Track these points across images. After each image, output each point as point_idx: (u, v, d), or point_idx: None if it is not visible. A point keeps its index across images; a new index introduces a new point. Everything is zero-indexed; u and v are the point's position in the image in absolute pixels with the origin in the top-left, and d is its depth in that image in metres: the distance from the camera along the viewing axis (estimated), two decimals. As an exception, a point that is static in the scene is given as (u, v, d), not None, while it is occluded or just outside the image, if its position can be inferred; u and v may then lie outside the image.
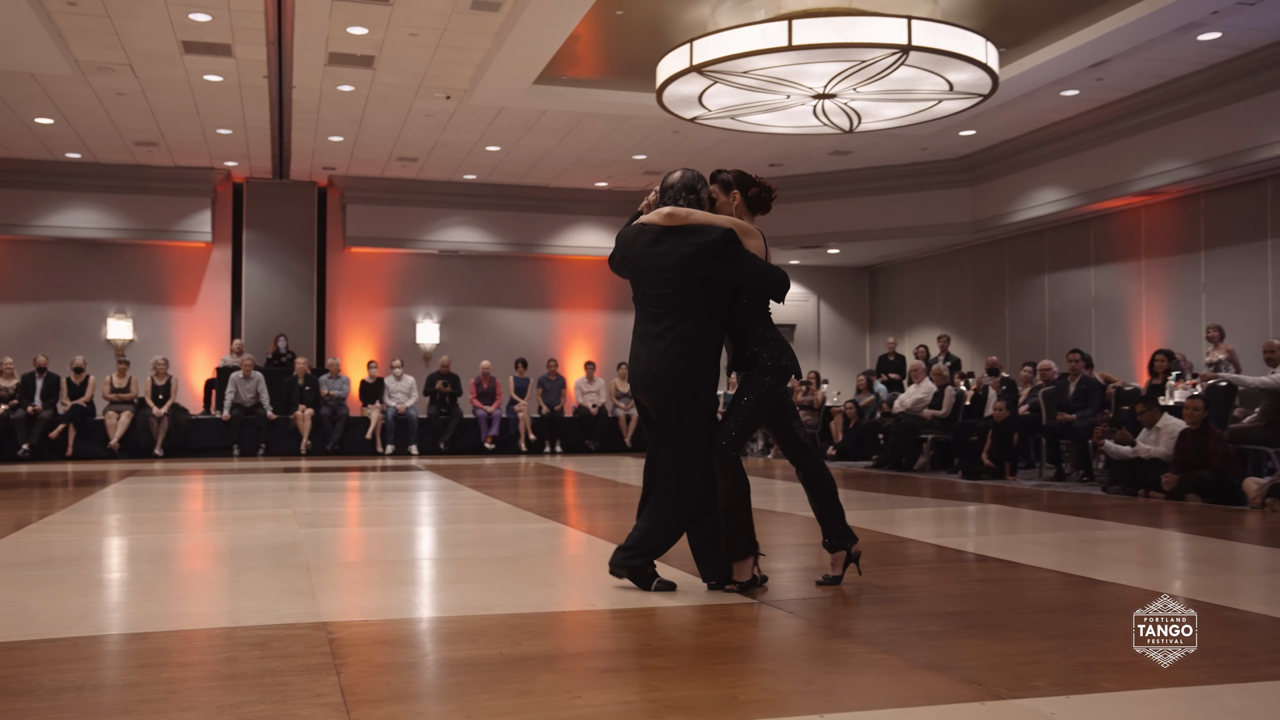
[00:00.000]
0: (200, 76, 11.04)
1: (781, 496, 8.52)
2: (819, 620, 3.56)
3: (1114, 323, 13.22)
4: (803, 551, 5.40)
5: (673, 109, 10.81)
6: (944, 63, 9.23)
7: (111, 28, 9.73)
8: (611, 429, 15.09)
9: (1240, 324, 11.24)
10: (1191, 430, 8.06)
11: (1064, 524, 6.52)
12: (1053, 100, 11.89)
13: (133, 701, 2.58)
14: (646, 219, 4.03)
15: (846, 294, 18.42)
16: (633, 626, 3.47)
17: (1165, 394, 9.50)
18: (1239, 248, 11.61)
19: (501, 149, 14.03)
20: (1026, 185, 13.78)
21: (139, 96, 11.70)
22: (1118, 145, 12.27)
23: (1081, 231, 13.77)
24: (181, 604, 3.94)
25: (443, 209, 16.15)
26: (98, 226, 15.01)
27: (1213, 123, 11.06)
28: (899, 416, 11.79)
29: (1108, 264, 13.38)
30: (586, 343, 17.02)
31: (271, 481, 9.69)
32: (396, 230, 15.99)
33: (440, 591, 4.19)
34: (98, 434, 13.30)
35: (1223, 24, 9.57)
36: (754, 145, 13.63)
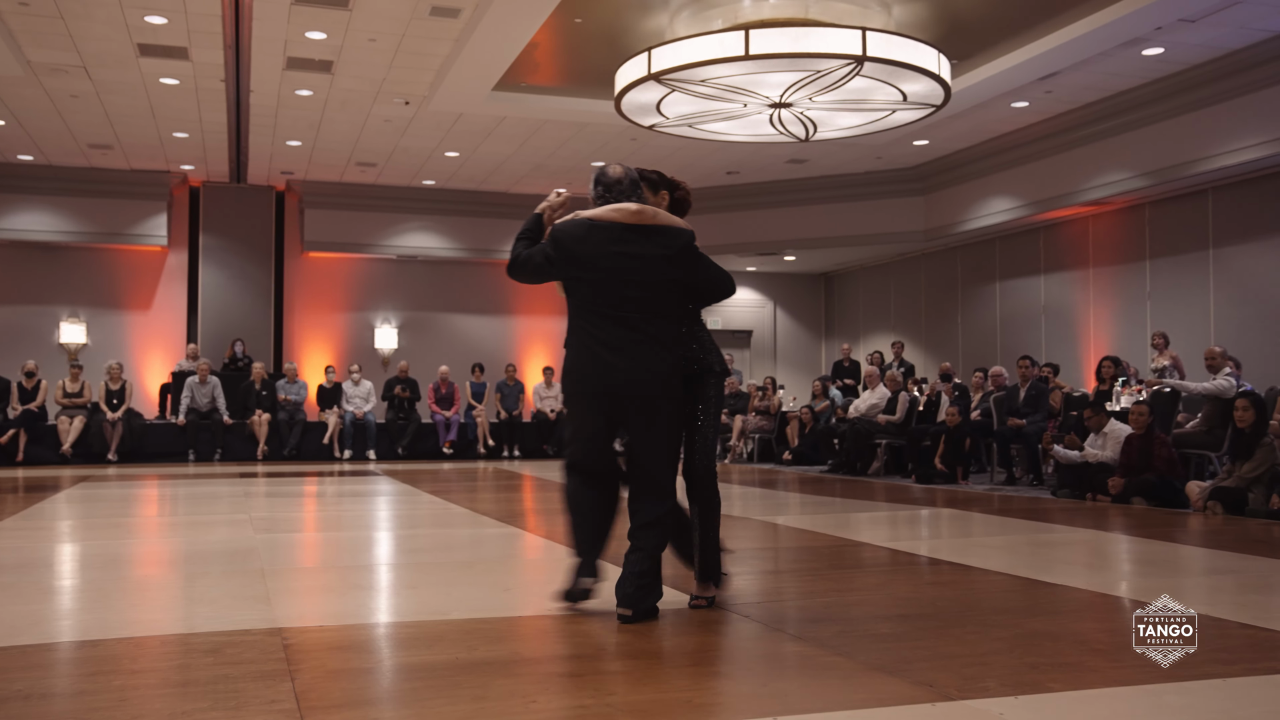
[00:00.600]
0: (156, 79, 10.90)
1: (738, 501, 8.53)
2: (773, 624, 3.56)
3: (1063, 330, 13.40)
4: (759, 555, 5.41)
5: (631, 116, 10.82)
6: (898, 73, 9.32)
7: (65, 29, 9.57)
8: (570, 434, 15.02)
9: (1183, 331, 11.45)
10: (1137, 435, 8.19)
11: (1014, 527, 6.58)
12: (1003, 111, 12.05)
13: (82, 710, 2.53)
14: (600, 214, 3.68)
15: (802, 300, 18.50)
16: (588, 631, 3.45)
17: (1112, 400, 9.64)
18: (1182, 257, 11.83)
19: (460, 155, 13.97)
20: (978, 195, 13.93)
21: (93, 99, 11.53)
22: (1066, 156, 12.44)
23: (1031, 240, 13.94)
24: (134, 610, 3.88)
25: (401, 214, 16.05)
26: (51, 230, 14.76)
27: (1157, 135, 11.27)
28: (854, 422, 11.86)
29: (1057, 272, 13.56)
30: (545, 348, 16.96)
31: (227, 487, 9.56)
32: (355, 235, 15.87)
33: (396, 597, 4.15)
34: (49, 439, 13.05)
35: (1165, 40, 9.76)
36: (711, 153, 13.68)
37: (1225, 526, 6.62)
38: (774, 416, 14.01)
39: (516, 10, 8.96)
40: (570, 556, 3.73)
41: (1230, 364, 8.81)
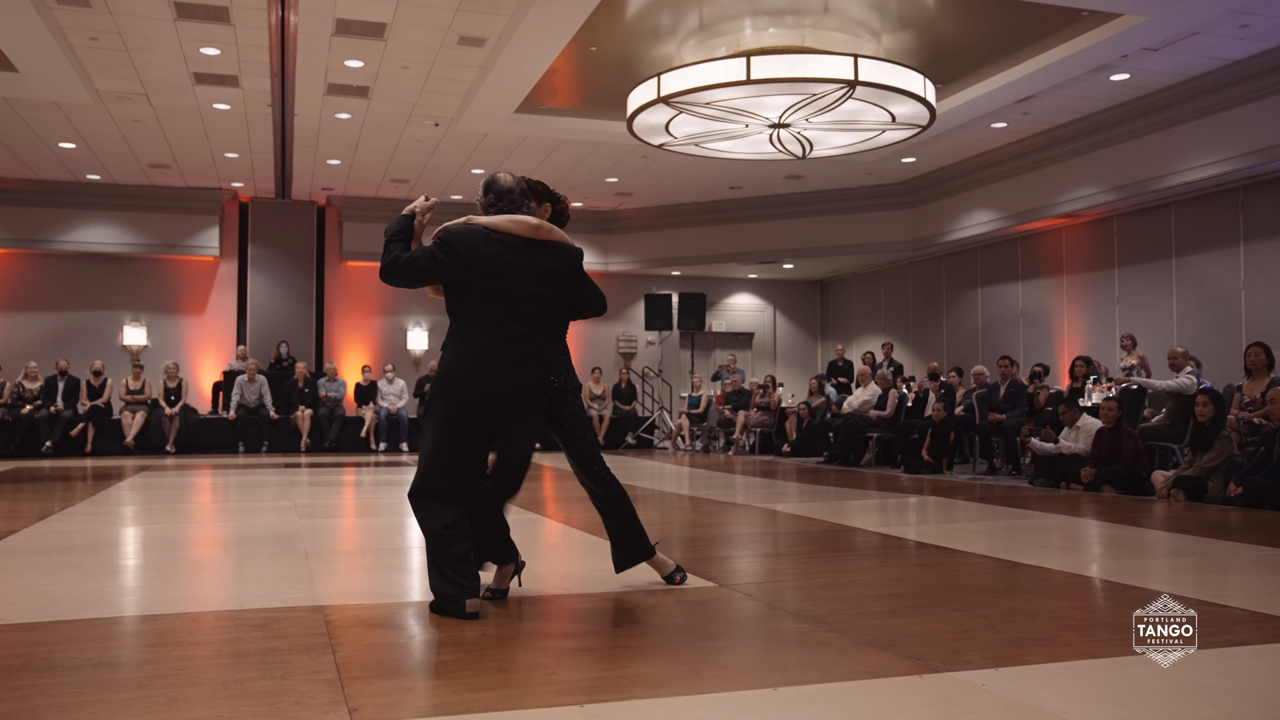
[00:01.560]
0: (210, 105, 10.94)
1: (740, 490, 8.54)
2: (774, 603, 3.57)
3: (1039, 332, 13.36)
4: (760, 540, 5.42)
5: (642, 136, 10.82)
6: (887, 96, 9.30)
7: (129, 60, 9.62)
8: (586, 427, 15.02)
9: (1149, 333, 11.39)
10: (1107, 429, 8.15)
11: (994, 513, 6.57)
12: (984, 131, 12.01)
13: (145, 678, 2.55)
14: (495, 223, 3.37)
15: (800, 305, 18.48)
16: (604, 609, 3.46)
17: (1084, 396, 9.61)
18: (1148, 265, 11.77)
19: (485, 172, 13.98)
20: (961, 207, 13.89)
21: (153, 123, 11.58)
22: (1042, 172, 12.40)
23: (1010, 250, 13.89)
24: (190, 588, 3.90)
25: (432, 226, 16.03)
26: (115, 242, 14.83)
27: (1124, 154, 11.21)
28: (847, 417, 11.84)
29: (1034, 279, 13.51)
30: (564, 349, 16.94)
31: (273, 476, 9.60)
32: (390, 246, 15.88)
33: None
34: (114, 432, 13.14)
35: (1131, 67, 9.71)
36: (716, 169, 13.67)
37: (1187, 512, 6.59)
38: (774, 412, 14.00)
39: (537, 39, 8.97)
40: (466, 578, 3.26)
41: (1191, 363, 8.76)
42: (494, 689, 2.45)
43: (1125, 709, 2.32)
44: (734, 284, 18.10)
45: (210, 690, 2.44)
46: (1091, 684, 2.53)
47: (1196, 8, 8.23)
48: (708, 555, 4.75)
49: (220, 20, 8.75)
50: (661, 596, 3.68)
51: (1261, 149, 9.72)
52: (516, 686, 2.48)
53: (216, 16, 8.67)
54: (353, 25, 8.84)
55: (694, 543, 5.17)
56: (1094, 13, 8.55)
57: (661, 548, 4.87)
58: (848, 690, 2.45)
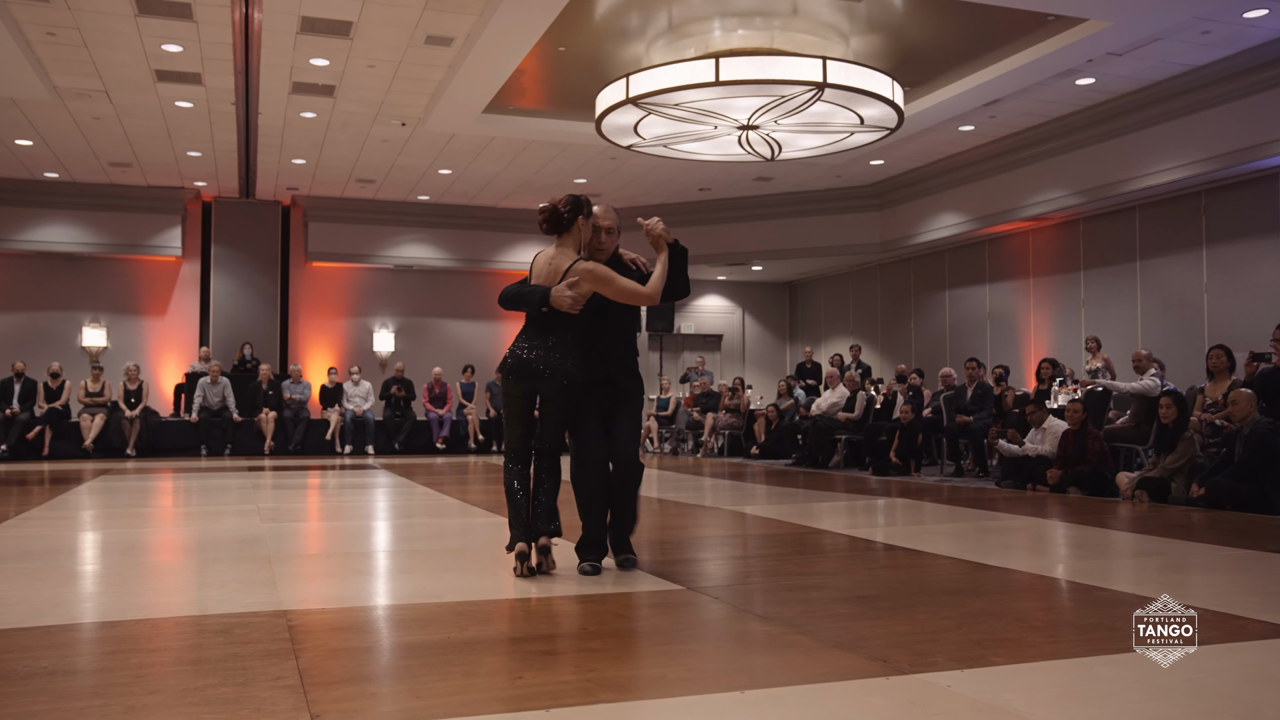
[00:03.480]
0: (172, 103, 10.82)
1: (709, 492, 8.54)
2: (741, 605, 3.57)
3: (1006, 334, 13.49)
4: (728, 542, 5.42)
5: (610, 137, 10.82)
6: (855, 99, 9.36)
7: (89, 56, 9.48)
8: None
9: (1114, 335, 11.54)
10: (1072, 430, 8.25)
11: (961, 515, 6.61)
12: (952, 134, 12.12)
13: (102, 685, 2.51)
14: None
15: (768, 307, 18.55)
16: (570, 612, 3.45)
17: (1050, 398, 9.71)
18: (1112, 268, 11.93)
19: (453, 172, 13.93)
20: (929, 210, 14.00)
21: (114, 121, 11.43)
22: (1009, 176, 12.52)
23: (978, 252, 14.02)
24: (150, 594, 3.85)
25: (398, 227, 15.97)
26: (74, 241, 14.62)
27: (1089, 157, 11.36)
28: (815, 419, 11.89)
29: (1001, 281, 13.65)
30: (532, 351, 16.90)
31: (236, 479, 9.49)
32: (355, 246, 15.79)
33: (393, 581, 4.14)
34: (73, 435, 12.94)
35: (1096, 71, 9.85)
36: (684, 171, 13.70)
37: (1151, 513, 6.68)
38: (743, 414, 14.03)
39: (505, 39, 8.94)
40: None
41: (1155, 365, 8.89)
42: (459, 694, 2.44)
43: (1090, 709, 2.35)
44: (703, 286, 18.13)
45: (169, 698, 2.41)
46: (1056, 684, 2.56)
47: (1160, 14, 8.35)
48: (676, 558, 4.75)
49: (183, 17, 8.65)
50: (628, 600, 3.68)
51: (1223, 154, 9.88)
52: (482, 691, 2.46)
53: (179, 13, 8.57)
54: (318, 23, 8.77)
55: (662, 545, 5.17)
56: (1060, 18, 8.66)
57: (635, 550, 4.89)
58: (815, 692, 2.46)
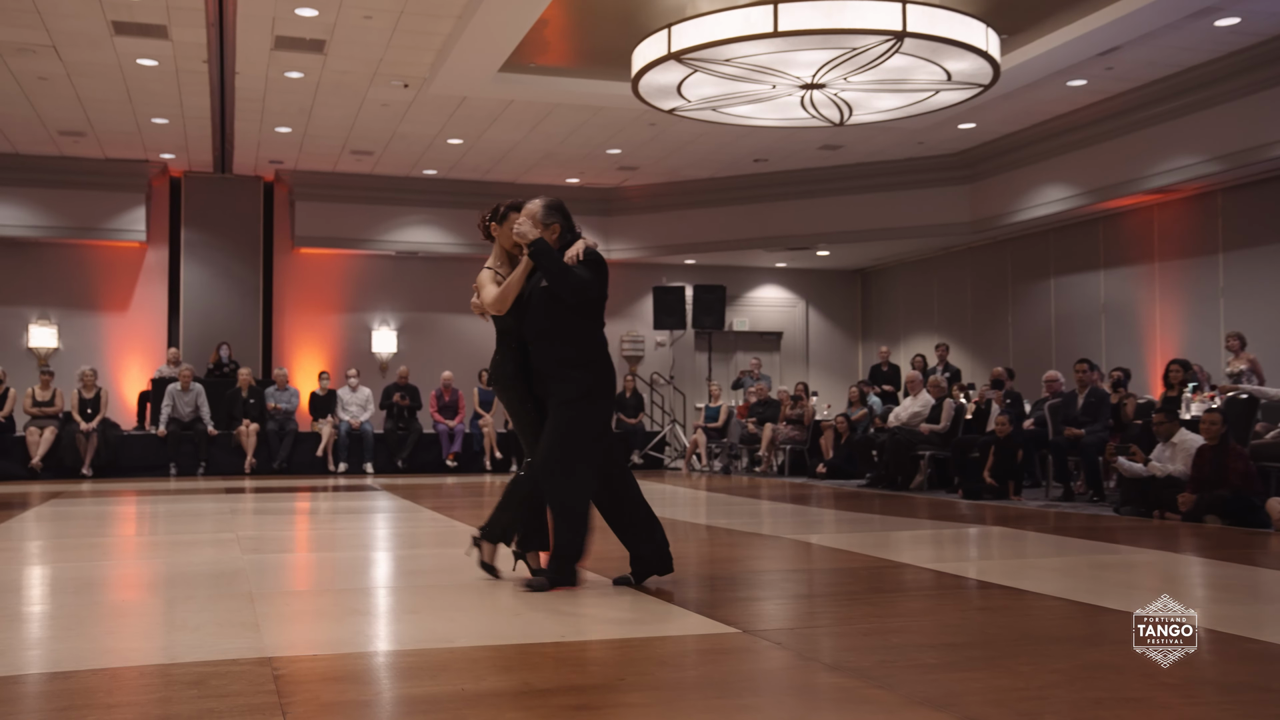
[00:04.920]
0: (133, 60, 10.97)
1: (767, 518, 8.52)
2: (807, 651, 3.55)
3: (1125, 330, 13.33)
4: (790, 577, 5.40)
5: (649, 100, 10.82)
6: (941, 50, 9.29)
7: (32, 5, 9.63)
8: (583, 446, 15.03)
9: (1262, 331, 11.34)
10: (1209, 446, 8.12)
11: (1072, 547, 6.54)
12: (1059, 91, 12.00)
13: (56, 746, 2.54)
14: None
15: (836, 299, 18.47)
16: (606, 660, 3.46)
17: (1181, 407, 9.57)
18: (1260, 249, 11.74)
19: (464, 142, 14.01)
20: (1030, 182, 13.88)
21: (64, 81, 11.61)
22: (1129, 139, 12.38)
23: (1089, 232, 13.87)
24: (110, 639, 3.89)
25: (400, 207, 16.10)
26: (19, 224, 14.86)
27: (1231, 115, 11.18)
28: (894, 431, 11.82)
29: (1118, 267, 13.49)
30: (556, 352, 16.96)
31: (212, 503, 9.60)
32: (350, 230, 15.93)
33: (397, 623, 4.16)
34: (18, 452, 13.12)
35: (1241, 9, 9.68)
36: (737, 139, 13.68)
37: (1307, 547, 6.57)
38: (806, 426, 13.98)
39: (524, -17, 8.99)
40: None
41: (1312, 367, 8.72)
42: (474, 757, 2.44)
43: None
44: (759, 274, 18.09)
45: (134, 758, 2.43)
46: (1193, 751, 2.51)
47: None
48: (728, 595, 4.74)
49: (147, -40, 8.78)
50: (675, 644, 3.68)
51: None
52: (501, 754, 2.47)
53: (142, -44, 8.70)
54: (304, -34, 8.87)
55: (712, 580, 5.17)
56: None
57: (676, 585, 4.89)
58: (899, 759, 2.44)
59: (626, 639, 3.76)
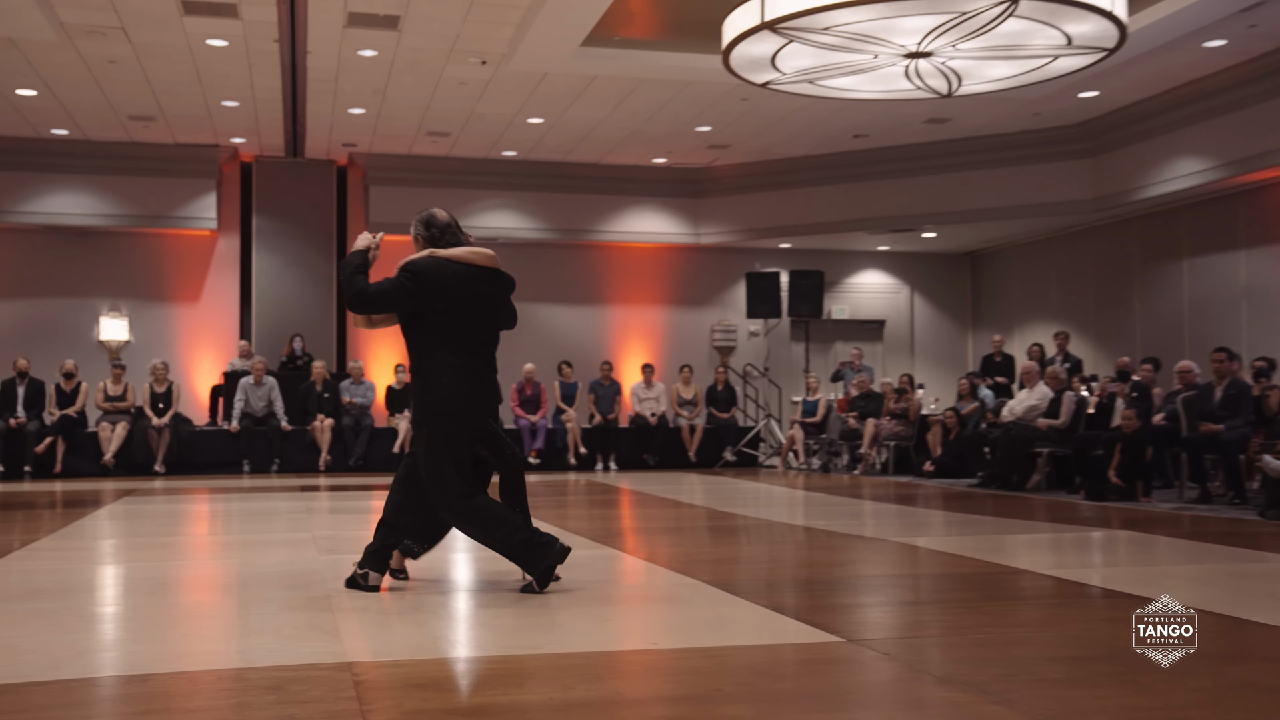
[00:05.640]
0: (202, 41, 11.22)
1: (870, 520, 8.46)
2: (917, 663, 3.53)
3: (1269, 316, 12.97)
4: (895, 583, 5.36)
5: (741, 73, 10.77)
6: (1060, 12, 9.11)
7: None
8: (673, 441, 15.09)
9: None
10: (1361, 443, 7.86)
11: (1210, 554, 6.41)
12: (1194, 54, 11.69)
13: (134, 751, 2.62)
14: (458, 255, 4.78)
15: (944, 285, 18.24)
16: (700, 669, 3.46)
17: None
18: None
19: (545, 121, 14.09)
20: (1160, 155, 13.57)
21: (133, 64, 11.92)
22: (1274, 105, 12.03)
23: (1228, 208, 13.53)
24: (186, 642, 4.01)
25: (478, 190, 16.26)
26: (88, 213, 15.30)
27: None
28: (1008, 427, 11.67)
29: (1261, 246, 13.14)
30: (644, 342, 17.03)
31: (286, 502, 9.81)
32: (425, 215, 16.09)
33: (480, 628, 4.21)
34: (89, 448, 13.53)
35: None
36: (835, 113, 13.56)
37: None
38: (912, 421, 13.86)
39: (609, -49, 9.00)
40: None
41: None
42: (564, 770, 2.46)
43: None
44: (860, 259, 17.94)
45: (213, 765, 2.50)
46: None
47: None
48: (828, 601, 4.72)
49: (217, -64, 8.97)
50: (772, 653, 3.67)
51: None
52: (592, 767, 2.48)
53: (212, -68, 8.89)
54: (378, -62, 8.99)
55: (810, 585, 5.16)
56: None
57: (770, 590, 4.89)
58: (1021, 780, 2.41)
59: (720, 647, 3.76)
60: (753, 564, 6.25)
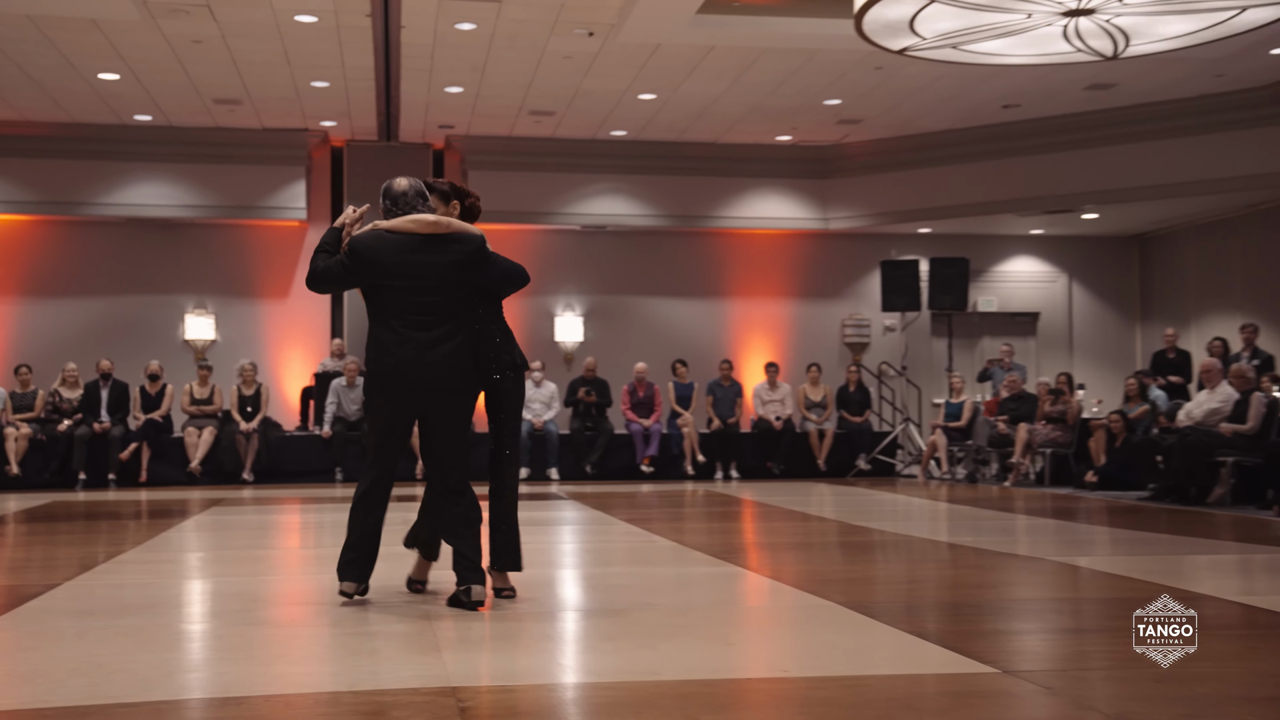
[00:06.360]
0: (291, 17, 11.46)
1: (1023, 536, 8.32)
2: (1081, 698, 3.47)
3: None
4: (1054, 608, 5.27)
5: (876, 39, 10.68)
6: (1243, -39, 8.86)
7: (188, -38, 10.19)
8: (800, 447, 15.01)
9: None
10: None
11: None
12: (1398, 5, 11.25)
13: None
14: (395, 225, 5.00)
15: (1108, 272, 17.86)
16: (836, 700, 3.44)
17: None
18: None
19: (658, 97, 14.12)
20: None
21: (218, 44, 12.24)
22: None
23: None
24: (279, 662, 4.11)
25: (584, 174, 16.36)
26: (172, 204, 15.71)
27: None
28: (1185, 432, 11.39)
29: None
30: (767, 339, 16.97)
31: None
32: (529, 201, 16.27)
33: (592, 651, 4.24)
34: (175, 454, 13.93)
35: None
36: (981, 82, 13.35)
37: None
38: (1071, 426, 13.60)
39: (728, -93, 9.00)
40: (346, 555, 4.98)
41: None
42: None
43: None
44: (1010, 244, 17.64)
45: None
46: None
47: None
48: (978, 627, 4.65)
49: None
50: (915, 684, 3.64)
51: None
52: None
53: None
54: (477, -99, 9.09)
55: (957, 609, 5.11)
56: None
57: (910, 613, 4.85)
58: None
59: (857, 675, 3.74)
60: (891, 584, 6.20)
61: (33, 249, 15.96)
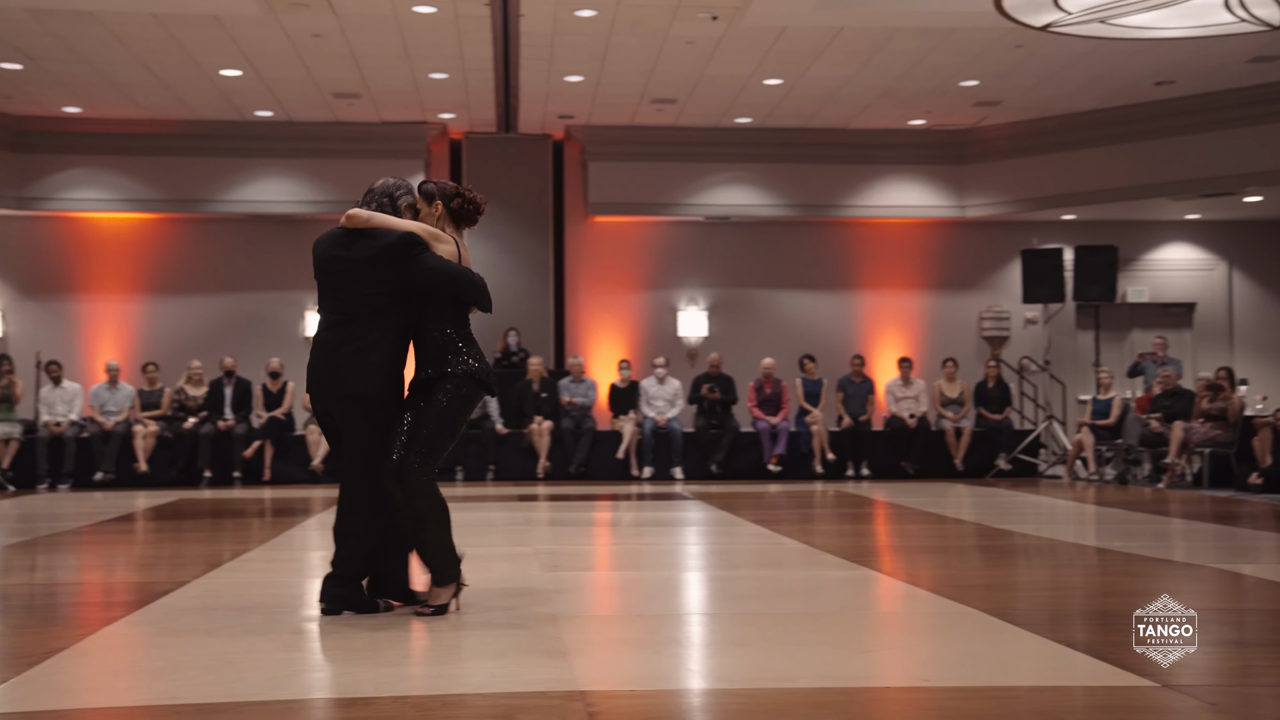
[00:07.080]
0: (409, 8, 11.66)
1: (1180, 541, 8.14)
2: (1249, 714, 3.39)
3: None
4: (1215, 619, 5.13)
5: (1016, 15, 10.53)
6: None
7: (306, -47, 10.43)
8: (935, 446, 14.84)
9: None
10: None
11: None
12: None
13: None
14: (340, 222, 5.01)
15: (1272, 259, 17.36)
16: (980, 712, 3.40)
17: None
18: None
19: (784, 82, 14.06)
20: None
21: (338, 37, 12.50)
22: None
23: None
24: (403, 663, 4.20)
25: (708, 163, 16.35)
26: (292, 199, 16.13)
27: None
28: (1353, 431, 11.03)
29: None
30: (900, 333, 16.80)
31: (502, 512, 10.12)
32: (652, 192, 16.31)
33: (722, 656, 4.25)
34: (297, 452, 14.30)
35: None
36: (1132, 58, 13.07)
37: None
38: (1232, 424, 13.24)
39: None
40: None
41: None
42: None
43: None
44: (1163, 230, 17.25)
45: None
46: None
47: None
48: (1131, 638, 4.55)
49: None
50: (1063, 696, 3.59)
51: None
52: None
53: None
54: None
55: (1106, 618, 5.03)
56: None
57: (1056, 621, 4.78)
58: None
59: (1002, 686, 3.70)
60: (1034, 590, 6.12)
61: (158, 247, 16.51)
